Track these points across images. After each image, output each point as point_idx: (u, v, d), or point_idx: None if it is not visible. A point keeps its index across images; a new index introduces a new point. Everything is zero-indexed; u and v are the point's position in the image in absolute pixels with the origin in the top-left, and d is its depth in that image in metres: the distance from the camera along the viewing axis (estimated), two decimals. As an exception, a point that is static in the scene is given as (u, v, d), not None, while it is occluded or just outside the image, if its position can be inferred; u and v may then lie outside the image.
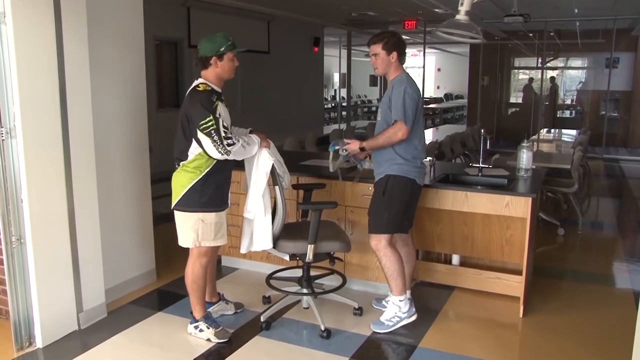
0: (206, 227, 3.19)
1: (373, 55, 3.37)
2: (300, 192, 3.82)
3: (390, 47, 3.33)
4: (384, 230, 3.37)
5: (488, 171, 4.17)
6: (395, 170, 3.32)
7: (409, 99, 3.23)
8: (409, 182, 3.34)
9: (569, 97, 15.42)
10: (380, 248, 3.38)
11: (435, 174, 4.01)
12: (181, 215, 3.20)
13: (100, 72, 3.61)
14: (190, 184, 3.12)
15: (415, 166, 3.36)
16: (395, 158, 3.32)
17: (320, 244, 3.38)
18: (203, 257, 3.27)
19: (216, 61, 3.13)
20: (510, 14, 7.43)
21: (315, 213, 3.33)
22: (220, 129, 2.98)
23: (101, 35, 3.62)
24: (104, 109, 3.69)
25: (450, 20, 4.28)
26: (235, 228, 4.22)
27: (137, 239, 4.11)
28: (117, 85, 3.83)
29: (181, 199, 3.15)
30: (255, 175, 3.26)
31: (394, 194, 3.33)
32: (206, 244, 3.22)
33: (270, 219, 3.28)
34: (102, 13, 3.64)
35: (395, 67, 3.37)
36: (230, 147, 3.02)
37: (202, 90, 3.07)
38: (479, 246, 4.05)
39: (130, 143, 3.97)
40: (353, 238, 3.76)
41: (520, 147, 4.07)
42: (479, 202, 3.69)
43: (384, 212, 3.35)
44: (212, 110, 3.00)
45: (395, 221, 3.37)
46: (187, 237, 3.22)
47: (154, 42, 8.41)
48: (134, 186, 4.02)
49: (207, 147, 3.02)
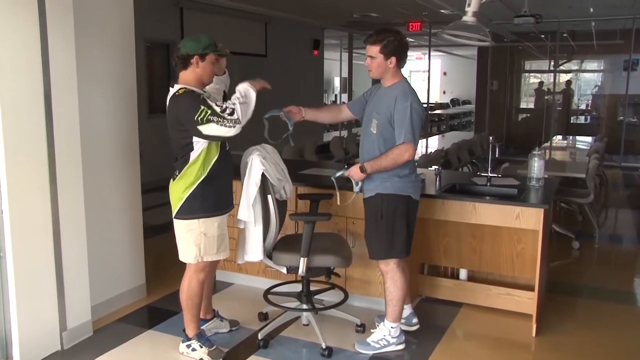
0: (208, 241, 3.18)
1: (369, 57, 3.24)
2: (307, 203, 3.82)
3: (389, 51, 3.19)
4: (390, 255, 3.33)
5: (497, 181, 4.17)
6: (387, 188, 3.25)
7: (416, 117, 3.14)
8: (404, 199, 3.27)
9: (583, 102, 15.42)
10: (388, 271, 3.36)
11: (441, 183, 4.01)
12: (182, 225, 3.17)
13: (88, 75, 3.62)
14: (190, 190, 3.11)
15: (410, 181, 3.28)
16: (389, 174, 3.23)
17: (314, 258, 3.38)
18: (201, 273, 3.27)
19: (197, 61, 3.09)
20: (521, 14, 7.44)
21: (308, 225, 3.34)
22: (215, 109, 2.95)
23: (89, 36, 3.63)
24: (92, 113, 3.70)
25: (456, 22, 4.30)
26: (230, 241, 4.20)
27: (126, 252, 4.10)
28: (106, 89, 3.84)
29: (182, 206, 3.14)
30: (246, 184, 3.28)
31: (392, 216, 3.26)
32: (208, 258, 3.21)
33: (261, 229, 3.29)
34: (91, 13, 3.65)
35: (393, 73, 3.25)
36: (233, 116, 2.96)
37: (183, 92, 3.04)
38: (488, 260, 4.04)
39: (120, 150, 3.97)
40: (355, 251, 3.75)
41: (532, 155, 4.08)
42: (487, 214, 3.68)
43: (388, 236, 3.29)
44: (201, 101, 2.97)
45: (402, 243, 3.31)
46: (188, 251, 3.20)
47: (145, 44, 8.43)
48: (123, 196, 4.02)
49: (216, 132, 2.96)
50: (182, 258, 3.24)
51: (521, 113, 15.09)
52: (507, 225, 3.67)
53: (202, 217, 3.14)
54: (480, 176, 4.38)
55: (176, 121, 3.06)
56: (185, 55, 3.10)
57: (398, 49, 3.20)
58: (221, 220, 3.22)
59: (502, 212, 3.64)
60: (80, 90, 3.45)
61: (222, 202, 3.24)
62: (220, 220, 3.21)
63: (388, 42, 3.18)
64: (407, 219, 3.30)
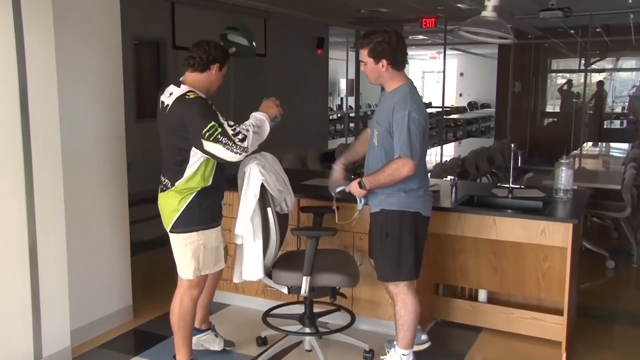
0: (207, 253, 3.23)
1: (361, 62, 3.23)
2: (310, 216, 3.83)
3: (377, 54, 3.14)
4: (399, 277, 3.33)
5: (520, 192, 4.16)
6: (393, 203, 3.23)
7: (414, 128, 3.08)
8: (412, 216, 3.25)
9: (618, 105, 15.28)
10: (398, 293, 3.35)
11: (457, 195, 4.01)
12: (180, 240, 3.20)
13: (70, 76, 3.64)
14: (187, 201, 3.15)
15: (418, 195, 3.26)
16: (394, 188, 3.21)
17: (318, 277, 3.39)
18: (195, 289, 3.29)
19: (216, 69, 3.19)
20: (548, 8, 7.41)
21: (311, 241, 3.34)
22: (226, 129, 3.01)
23: (71, 33, 3.65)
24: (74, 118, 3.71)
25: (475, 18, 4.32)
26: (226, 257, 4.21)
27: (111, 270, 4.10)
28: (89, 91, 3.86)
29: (178, 219, 3.17)
30: (244, 196, 3.29)
31: (398, 234, 3.25)
32: (206, 272, 3.28)
33: (260, 245, 3.30)
34: (72, 7, 3.67)
35: (391, 77, 3.21)
36: (243, 143, 3.02)
37: (195, 97, 3.07)
38: (510, 280, 4.03)
39: (105, 159, 3.98)
40: (363, 269, 3.75)
41: (559, 164, 4.07)
42: (509, 229, 3.68)
43: (394, 257, 3.29)
44: (212, 114, 3.04)
45: (411, 264, 3.30)
46: (187, 266, 3.23)
47: (133, 42, 8.49)
48: (108, 209, 4.03)
49: (220, 154, 3.03)
50: (182, 274, 3.27)
51: (547, 117, 15.04)
52: (532, 241, 3.66)
53: (201, 229, 3.18)
54: (501, 187, 4.38)
55: (180, 125, 3.06)
56: (212, 58, 3.16)
57: (388, 50, 3.14)
58: (219, 229, 3.30)
59: (525, 227, 3.63)
60: (60, 92, 3.46)
61: (218, 212, 3.31)
62: (217, 230, 3.29)
63: (375, 44, 3.14)
64: (415, 238, 3.28)
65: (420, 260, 3.36)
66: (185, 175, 3.13)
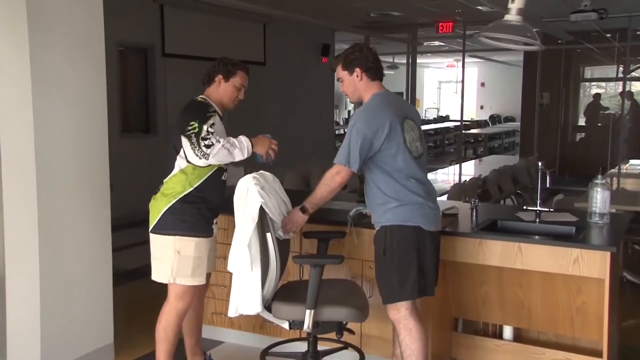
0: (182, 260, 3.44)
1: (339, 81, 3.53)
2: (313, 242, 3.82)
3: (349, 64, 3.44)
4: (400, 297, 3.38)
5: (549, 216, 4.15)
6: (390, 218, 3.37)
7: (356, 136, 3.32)
8: (411, 230, 3.35)
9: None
10: (399, 319, 3.39)
11: (478, 219, 4.00)
12: (157, 241, 3.49)
13: (46, 86, 3.66)
14: (169, 204, 3.43)
15: (418, 208, 3.38)
16: (387, 202, 3.37)
17: (323, 310, 3.38)
18: (180, 301, 3.50)
19: (221, 80, 3.58)
20: (580, 9, 7.39)
21: (315, 270, 3.34)
22: (201, 132, 3.30)
23: (48, 39, 3.67)
24: (50, 134, 3.72)
25: (497, 22, 4.32)
26: (220, 289, 4.19)
27: (91, 304, 4.08)
28: (68, 104, 3.86)
29: (159, 221, 3.46)
30: (241, 220, 3.30)
31: (397, 250, 3.36)
32: (182, 281, 3.47)
33: (259, 275, 3.30)
34: (49, 10, 3.69)
35: (366, 87, 3.47)
36: (207, 150, 3.28)
37: (200, 102, 3.52)
38: (539, 316, 3.99)
39: (86, 179, 3.98)
40: (373, 302, 3.73)
41: (593, 185, 4.05)
42: (537, 257, 3.65)
43: (393, 275, 3.38)
44: (201, 117, 3.34)
45: (411, 283, 3.37)
46: (161, 269, 3.49)
47: (117, 49, 8.54)
48: (88, 234, 4.02)
49: (187, 151, 3.33)
50: (154, 277, 3.53)
51: (579, 132, 14.95)
52: (563, 272, 3.63)
53: (178, 234, 3.44)
54: (527, 210, 4.36)
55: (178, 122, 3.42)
56: (214, 70, 3.58)
57: (360, 57, 3.44)
58: (199, 242, 3.48)
59: (555, 255, 3.60)
60: (35, 104, 3.47)
61: (200, 224, 3.50)
62: (198, 242, 3.48)
63: (347, 55, 3.46)
64: (417, 254, 3.37)
65: (426, 279, 3.41)
66: (172, 173, 3.46)
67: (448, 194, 7.18)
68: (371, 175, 3.44)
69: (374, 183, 3.42)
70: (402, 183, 3.36)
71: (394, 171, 3.37)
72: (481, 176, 8.25)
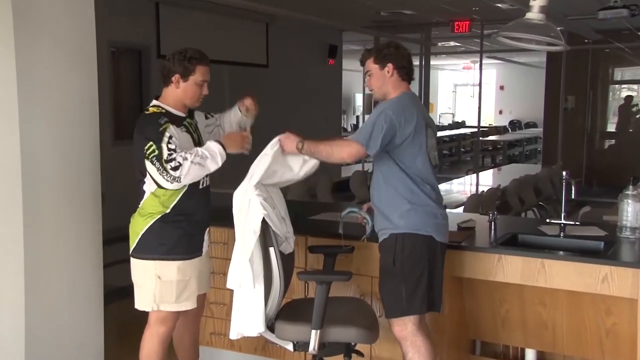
0: (165, 286, 3.41)
1: (367, 75, 3.59)
2: (319, 258, 3.81)
3: (382, 58, 3.51)
4: (407, 311, 3.41)
5: (575, 230, 4.14)
6: (403, 225, 3.42)
7: (382, 121, 3.34)
8: (423, 239, 3.41)
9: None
10: (406, 336, 3.42)
11: (497, 233, 4.00)
12: (137, 266, 3.48)
13: (33, 90, 3.66)
14: (147, 225, 3.41)
15: (431, 215, 3.46)
16: (400, 203, 3.43)
17: (330, 330, 3.37)
18: (161, 326, 3.48)
19: (178, 80, 3.44)
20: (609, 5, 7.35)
21: (321, 287, 3.33)
22: (162, 154, 3.24)
23: (34, 39, 3.67)
24: (38, 141, 3.72)
25: (518, 20, 4.32)
26: (219, 307, 4.18)
27: (80, 324, 4.07)
28: (57, 109, 3.87)
29: (138, 243, 3.45)
30: (242, 233, 3.30)
31: (409, 260, 3.40)
32: (166, 308, 3.44)
33: (261, 292, 3.30)
34: (36, 8, 3.69)
35: (395, 85, 3.53)
36: (176, 172, 3.23)
37: (149, 113, 3.42)
38: (564, 338, 3.97)
39: (75, 189, 3.98)
40: (383, 322, 3.72)
41: (624, 196, 4.04)
42: (562, 275, 3.64)
43: (401, 287, 3.41)
44: (155, 136, 3.27)
45: (420, 296, 3.40)
46: (143, 297, 3.47)
47: (110, 50, 8.56)
48: (78, 249, 4.01)
49: (155, 178, 3.32)
50: (137, 305, 3.51)
51: (608, 138, 14.89)
52: (591, 290, 3.61)
53: (158, 259, 3.42)
54: (550, 224, 4.34)
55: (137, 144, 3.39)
56: (168, 70, 3.45)
57: (395, 54, 3.53)
58: (182, 264, 3.45)
59: (582, 272, 3.59)
60: (21, 108, 3.48)
61: (185, 246, 3.48)
62: (180, 264, 3.45)
63: (382, 49, 3.56)
64: (429, 265, 3.42)
65: (434, 293, 3.45)
66: (145, 196, 3.43)
67: (464, 206, 7.17)
68: (385, 172, 3.48)
69: (387, 181, 3.47)
70: (419, 185, 3.43)
71: (412, 172, 3.43)
72: (500, 186, 8.24)
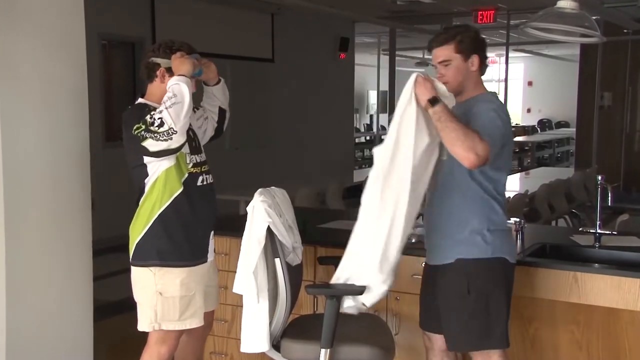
0: (167, 302, 3.36)
1: (441, 64, 3.30)
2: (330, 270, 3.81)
3: (467, 47, 3.27)
4: (489, 344, 3.35)
5: (611, 240, 4.13)
6: (473, 251, 3.29)
7: (501, 124, 3.17)
8: (500, 263, 3.32)
9: None
10: None
11: (524, 243, 4.00)
12: (137, 279, 3.43)
13: (16, 86, 3.67)
14: (145, 228, 3.40)
15: (508, 235, 3.41)
16: (478, 223, 3.26)
17: (341, 349, 3.36)
18: (163, 346, 3.43)
19: (164, 74, 3.44)
20: None
21: (331, 302, 3.32)
22: (147, 122, 3.24)
23: (17, 30, 3.68)
24: (21, 142, 3.73)
25: (548, 10, 4.33)
26: (220, 324, 4.17)
27: (67, 342, 4.08)
28: (42, 107, 3.87)
29: (136, 248, 3.42)
30: (246, 242, 3.31)
31: (485, 290, 3.31)
32: (169, 326, 3.39)
33: (266, 307, 3.30)
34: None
35: (476, 81, 3.34)
36: (163, 127, 3.20)
37: (131, 107, 3.50)
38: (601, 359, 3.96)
39: (62, 195, 3.98)
40: (399, 340, 3.73)
41: (664, 203, 4.03)
42: (597, 289, 3.63)
43: (482, 319, 3.32)
44: (140, 115, 3.30)
45: (503, 327, 3.34)
46: (144, 316, 3.42)
47: (101, 42, 8.60)
48: (65, 261, 4.02)
49: (158, 147, 3.25)
50: (139, 326, 3.46)
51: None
52: (629, 307, 3.61)
53: (157, 264, 3.37)
54: (584, 233, 4.34)
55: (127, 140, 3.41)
56: (152, 63, 3.46)
57: (479, 43, 3.33)
58: (186, 275, 3.41)
59: (620, 287, 3.58)
60: (3, 106, 3.49)
61: (188, 249, 3.45)
62: (184, 276, 3.40)
63: (464, 37, 3.29)
64: (507, 292, 3.36)
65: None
66: (144, 195, 3.41)
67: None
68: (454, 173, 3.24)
69: (463, 194, 3.28)
70: (499, 201, 3.30)
71: (497, 189, 3.30)
72: (528, 192, 8.21)
